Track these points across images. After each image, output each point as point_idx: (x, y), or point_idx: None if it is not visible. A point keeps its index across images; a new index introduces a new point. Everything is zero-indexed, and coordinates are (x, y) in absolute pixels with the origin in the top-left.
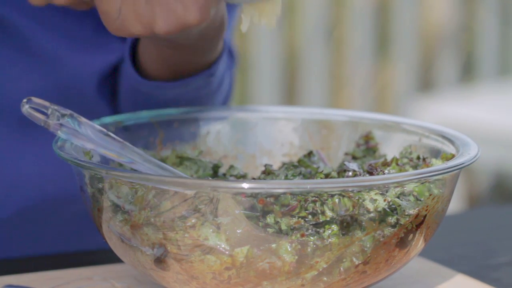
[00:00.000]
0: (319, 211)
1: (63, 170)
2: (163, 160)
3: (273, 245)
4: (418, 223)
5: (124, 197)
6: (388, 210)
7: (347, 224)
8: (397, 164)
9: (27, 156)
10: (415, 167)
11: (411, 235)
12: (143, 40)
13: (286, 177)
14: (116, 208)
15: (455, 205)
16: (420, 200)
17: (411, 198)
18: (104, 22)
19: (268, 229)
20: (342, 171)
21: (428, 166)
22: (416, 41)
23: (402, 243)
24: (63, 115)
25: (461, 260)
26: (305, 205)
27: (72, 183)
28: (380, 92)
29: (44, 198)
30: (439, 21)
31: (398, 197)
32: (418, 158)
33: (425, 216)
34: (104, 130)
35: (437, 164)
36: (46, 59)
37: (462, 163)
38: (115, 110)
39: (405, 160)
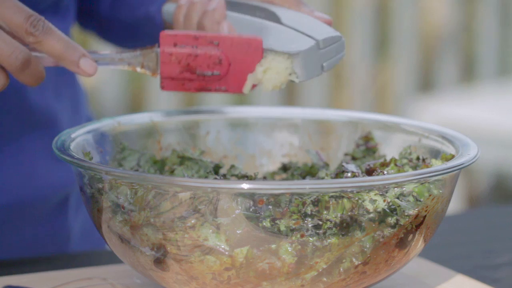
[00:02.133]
0: (318, 212)
1: (15, 178)
2: (164, 160)
3: (273, 246)
4: (417, 223)
5: (123, 198)
6: (387, 210)
7: (347, 225)
8: (396, 165)
9: None
10: (414, 167)
11: (410, 236)
12: None
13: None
14: (116, 208)
15: (455, 205)
16: (420, 201)
17: (411, 198)
18: None
19: (268, 230)
20: (340, 173)
21: (428, 167)
22: (416, 42)
23: (402, 243)
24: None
25: (461, 260)
26: (305, 206)
27: (25, 191)
28: (380, 92)
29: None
30: (439, 22)
31: (397, 198)
32: (418, 158)
33: (424, 217)
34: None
35: (437, 165)
36: None
37: (462, 164)
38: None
39: (405, 161)
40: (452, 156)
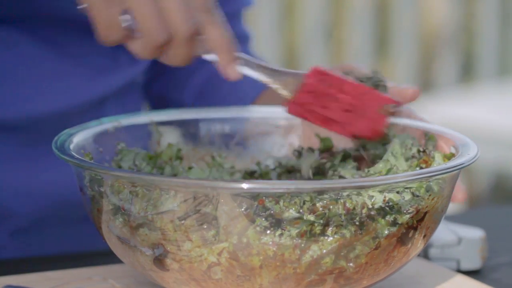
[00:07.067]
0: (318, 211)
1: (62, 179)
2: (158, 155)
3: (273, 246)
4: (417, 223)
5: (123, 198)
6: (387, 209)
7: (347, 224)
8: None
9: (40, 167)
10: (408, 160)
11: (410, 235)
12: None
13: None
14: (116, 208)
15: (455, 205)
16: (420, 200)
17: (411, 198)
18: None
19: (268, 230)
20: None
21: (429, 158)
22: (416, 41)
23: (401, 243)
24: None
25: None
26: (304, 206)
27: (69, 191)
28: None
29: (57, 203)
30: (438, 21)
31: (397, 197)
32: (419, 151)
33: (424, 216)
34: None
35: (438, 157)
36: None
37: (462, 164)
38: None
39: (406, 154)
40: (452, 155)
